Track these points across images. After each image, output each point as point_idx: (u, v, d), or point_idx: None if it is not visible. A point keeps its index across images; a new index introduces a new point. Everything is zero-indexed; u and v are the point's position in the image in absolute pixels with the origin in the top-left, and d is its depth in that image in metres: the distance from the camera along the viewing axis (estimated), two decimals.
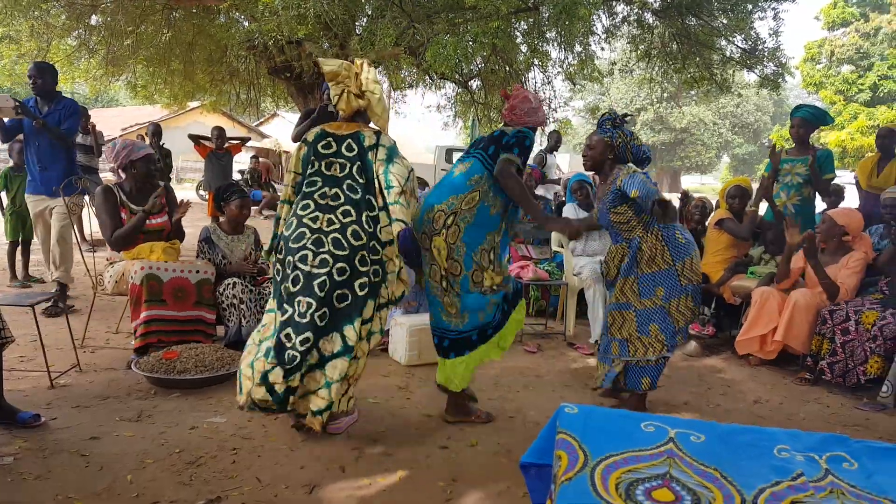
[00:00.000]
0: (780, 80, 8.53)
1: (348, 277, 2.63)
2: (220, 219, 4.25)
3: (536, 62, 8.83)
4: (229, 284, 3.86)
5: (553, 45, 8.50)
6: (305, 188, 2.79)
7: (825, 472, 1.24)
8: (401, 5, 7.15)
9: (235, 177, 11.67)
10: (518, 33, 8.35)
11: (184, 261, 3.89)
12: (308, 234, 2.68)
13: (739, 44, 8.55)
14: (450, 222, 2.90)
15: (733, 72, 9.25)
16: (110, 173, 4.42)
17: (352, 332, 2.62)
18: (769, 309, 4.26)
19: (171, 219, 4.08)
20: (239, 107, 11.54)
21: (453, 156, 16.53)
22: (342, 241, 2.65)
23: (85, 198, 5.01)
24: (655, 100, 32.60)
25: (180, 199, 4.19)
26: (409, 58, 7.60)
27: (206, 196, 9.39)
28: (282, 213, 2.87)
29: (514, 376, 3.92)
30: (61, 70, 9.87)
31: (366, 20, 8.14)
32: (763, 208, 5.18)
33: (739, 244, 4.95)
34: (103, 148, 7.40)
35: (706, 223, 5.45)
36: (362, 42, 7.05)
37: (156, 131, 8.29)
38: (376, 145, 2.80)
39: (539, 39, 8.09)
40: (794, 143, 5.04)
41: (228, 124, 21.28)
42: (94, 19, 8.92)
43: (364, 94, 2.85)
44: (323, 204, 2.72)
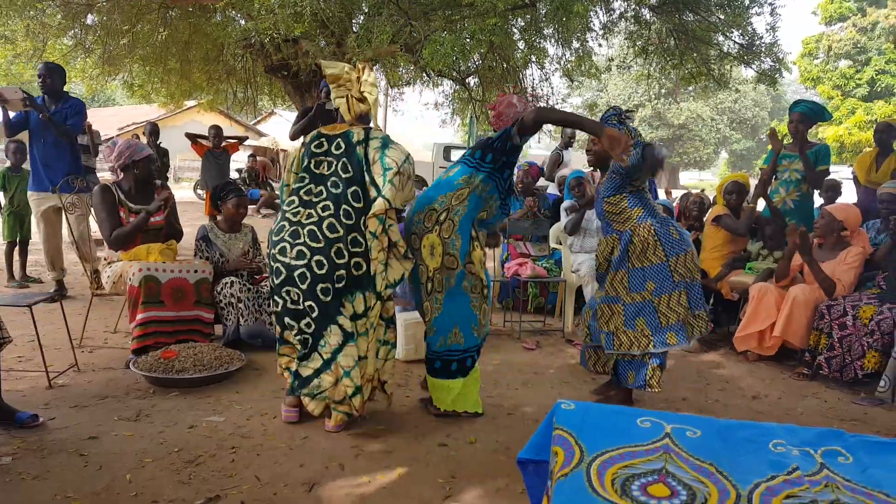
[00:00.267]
0: (778, 75, 8.53)
1: (328, 270, 2.70)
2: (218, 217, 4.25)
3: (534, 59, 8.82)
4: (227, 283, 3.86)
5: (550, 42, 8.50)
6: (294, 185, 2.88)
7: (820, 467, 1.25)
8: (397, 3, 7.15)
9: (233, 175, 11.65)
10: (515, 30, 8.34)
11: (181, 260, 3.89)
12: (287, 227, 2.77)
13: (737, 39, 8.55)
14: (443, 219, 2.96)
15: (731, 67, 9.26)
16: (107, 172, 4.41)
17: (346, 322, 2.72)
18: (767, 304, 4.26)
19: (173, 216, 4.08)
20: (236, 105, 11.53)
21: (451, 153, 16.51)
22: (318, 233, 2.71)
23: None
24: (653, 96, 32.59)
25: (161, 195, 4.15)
26: (406, 55, 7.59)
27: (204, 195, 9.38)
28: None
29: (513, 373, 3.93)
30: None
31: (362, 18, 8.14)
32: (761, 204, 5.18)
33: (737, 240, 4.95)
34: (100, 147, 7.40)
35: (704, 219, 5.46)
36: (359, 40, 7.04)
37: (153, 130, 8.28)
38: (366, 139, 2.84)
39: (536, 36, 8.09)
40: (793, 139, 5.04)
41: (226, 123, 21.25)
42: (90, 19, 8.90)
43: (365, 98, 2.88)
44: (307, 200, 2.80)
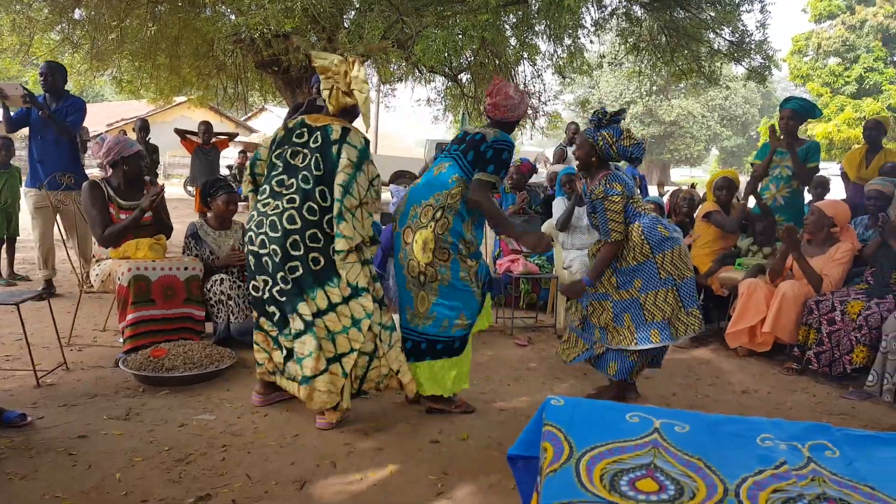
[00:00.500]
0: (767, 72, 8.59)
1: (281, 260, 2.75)
2: (208, 214, 4.23)
3: (525, 55, 8.83)
4: (217, 281, 3.84)
5: (542, 38, 8.51)
6: (269, 172, 2.91)
7: (807, 461, 1.26)
8: None
9: (223, 172, 11.60)
10: (507, 26, 8.34)
11: (171, 257, 3.87)
12: (255, 216, 2.84)
13: (727, 36, 8.59)
14: (439, 216, 2.96)
15: (721, 64, 9.30)
16: (96, 169, 4.38)
17: (305, 309, 2.75)
18: (756, 300, 4.29)
19: (163, 212, 4.06)
20: (226, 101, 11.48)
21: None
22: (277, 224, 2.75)
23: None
24: (645, 93, 32.64)
25: (153, 188, 4.14)
26: (397, 51, 7.58)
27: (194, 192, 9.33)
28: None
29: (505, 369, 3.93)
30: None
31: (354, 13, 8.11)
32: (753, 201, 5.21)
33: (727, 236, 4.97)
34: (89, 144, 7.35)
35: (694, 216, 5.48)
36: (350, 35, 7.02)
37: (143, 126, 8.20)
38: (341, 141, 2.82)
39: (528, 32, 8.10)
40: (783, 135, 5.06)
41: (216, 119, 21.14)
42: (77, 13, 8.83)
43: (352, 93, 2.85)
44: (277, 191, 2.83)
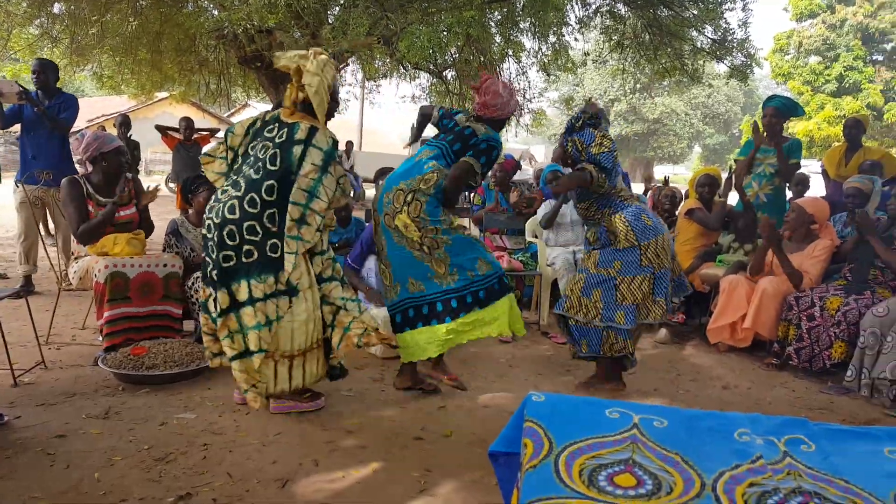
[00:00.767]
0: (749, 70, 8.67)
1: (218, 248, 2.78)
2: (189, 211, 4.19)
3: (510, 52, 8.84)
4: (198, 278, 3.81)
5: (527, 36, 8.53)
6: (237, 162, 2.94)
7: (783, 455, 1.27)
8: None
9: None
10: (492, 23, 8.35)
11: (150, 254, 3.83)
12: (212, 202, 2.88)
13: (709, 34, 8.66)
14: (410, 199, 3.00)
15: (704, 62, 9.38)
16: (78, 166, 4.34)
17: (225, 297, 2.77)
18: (737, 297, 4.33)
19: (143, 209, 4.02)
20: (209, 97, 11.37)
21: None
22: (221, 211, 2.78)
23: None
24: (628, 91, 32.88)
25: (147, 186, 4.12)
26: (382, 47, 7.55)
27: (175, 188, 9.24)
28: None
29: (489, 366, 3.94)
30: (23, 60, 9.64)
31: (338, 9, 8.07)
32: (734, 198, 5.26)
33: (709, 233, 5.02)
34: (70, 140, 7.25)
35: (676, 213, 5.52)
36: (334, 31, 6.99)
37: (124, 122, 8.11)
38: (307, 143, 2.81)
39: (513, 29, 8.11)
40: (767, 133, 5.10)
41: (198, 115, 20.95)
42: (56, 7, 8.71)
43: (303, 87, 2.84)
44: (235, 180, 2.85)
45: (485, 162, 3.01)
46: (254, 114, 3.19)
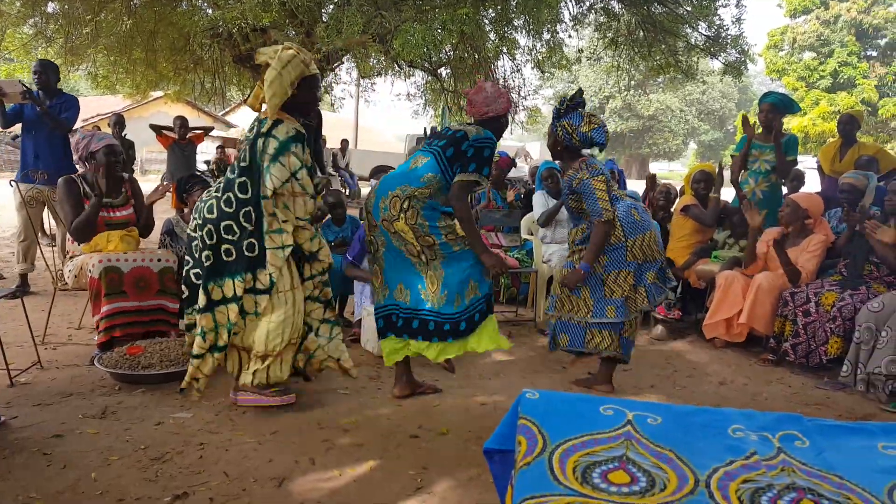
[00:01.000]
0: (743, 67, 8.67)
1: (200, 249, 2.85)
2: (185, 210, 4.18)
3: (505, 50, 8.83)
4: None
5: (521, 33, 8.51)
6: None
7: (777, 451, 1.27)
8: None
9: (201, 167, 11.47)
10: (486, 21, 8.34)
11: (144, 249, 3.82)
12: (198, 203, 2.95)
13: (703, 31, 8.67)
14: (406, 206, 2.97)
15: (698, 59, 9.38)
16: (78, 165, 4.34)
17: (203, 296, 2.82)
18: (733, 292, 4.34)
19: (141, 209, 3.99)
20: (204, 96, 11.34)
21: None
22: (202, 211, 2.85)
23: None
24: (623, 87, 32.84)
25: (161, 183, 4.11)
26: (377, 45, 7.54)
27: (171, 187, 9.23)
28: None
29: (485, 363, 3.95)
30: (18, 60, 9.60)
31: (332, 7, 8.06)
32: (728, 194, 5.26)
33: (705, 230, 5.02)
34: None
35: (671, 209, 5.53)
36: (329, 30, 6.97)
37: (118, 121, 8.09)
38: (267, 134, 2.81)
39: (507, 27, 8.09)
40: (763, 129, 5.11)
41: (193, 114, 20.89)
42: (50, 7, 8.67)
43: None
44: (221, 182, 2.92)
45: (475, 167, 2.98)
46: (247, 111, 3.20)
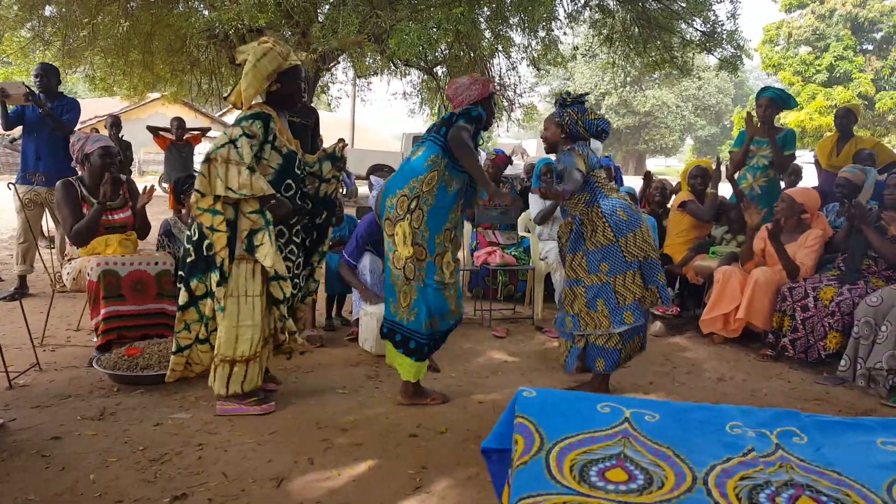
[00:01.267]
0: (739, 62, 8.67)
1: (187, 241, 2.90)
2: (182, 211, 4.18)
3: (500, 48, 8.83)
4: None
5: (516, 31, 8.51)
6: None
7: (775, 447, 1.27)
8: None
9: (198, 168, 11.46)
10: (481, 19, 8.33)
11: (141, 252, 3.81)
12: None
13: (698, 27, 8.66)
14: (413, 206, 2.92)
15: (693, 55, 9.38)
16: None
17: (183, 293, 2.87)
18: (731, 288, 4.34)
19: (137, 212, 3.99)
20: (201, 97, 11.34)
21: None
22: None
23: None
24: (619, 84, 32.86)
25: (143, 187, 4.10)
26: (372, 45, 7.54)
27: (168, 188, 9.21)
28: None
29: (483, 361, 3.95)
30: (16, 63, 9.60)
31: (328, 7, 8.05)
32: (726, 190, 5.26)
33: (702, 225, 5.03)
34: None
35: (667, 205, 5.53)
36: (325, 30, 6.97)
37: (114, 123, 8.07)
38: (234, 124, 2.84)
39: (502, 25, 8.09)
40: (761, 124, 5.09)
41: (191, 115, 20.87)
42: (48, 10, 8.68)
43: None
44: None
45: (465, 121, 2.92)
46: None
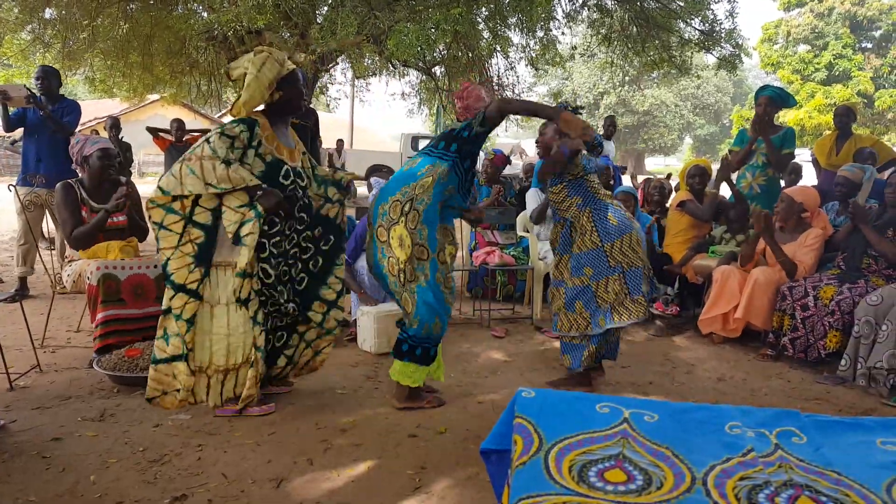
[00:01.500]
0: (738, 61, 8.68)
1: None
2: None
3: (498, 48, 8.84)
4: None
5: (514, 31, 8.52)
6: None
7: (775, 447, 1.27)
8: None
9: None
10: (479, 19, 8.34)
11: (142, 256, 3.81)
12: None
13: (697, 26, 8.67)
14: (407, 209, 2.92)
15: (692, 54, 9.38)
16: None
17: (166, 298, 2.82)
18: (730, 287, 4.34)
19: (132, 214, 3.99)
20: (200, 98, 11.35)
21: (419, 143, 16.44)
22: None
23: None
24: (618, 83, 32.86)
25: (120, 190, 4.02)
26: (371, 46, 7.54)
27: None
28: None
29: (482, 361, 3.95)
30: (16, 66, 9.61)
31: (326, 8, 8.05)
32: (725, 189, 5.26)
33: (701, 225, 5.03)
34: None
35: (666, 205, 5.53)
36: (323, 31, 6.97)
37: (114, 124, 8.08)
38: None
39: (500, 25, 8.10)
40: (759, 122, 5.08)
41: (190, 116, 20.87)
42: (48, 13, 8.68)
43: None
44: None
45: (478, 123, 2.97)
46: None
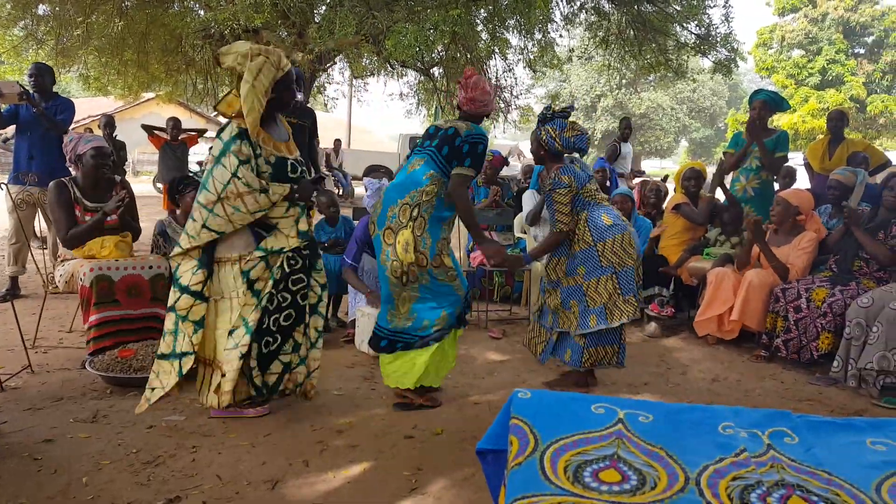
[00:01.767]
0: (733, 65, 8.72)
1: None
2: (177, 212, 4.17)
3: (497, 50, 8.86)
4: None
5: (513, 33, 8.54)
6: None
7: (767, 448, 1.28)
8: None
9: (194, 168, 11.44)
10: (478, 21, 8.36)
11: (136, 256, 3.80)
12: None
13: (693, 30, 8.71)
14: (415, 214, 2.97)
15: (688, 57, 9.43)
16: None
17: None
18: (724, 289, 4.36)
19: (125, 213, 3.97)
20: (196, 97, 11.33)
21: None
22: None
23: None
24: (615, 86, 32.97)
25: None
26: (369, 46, 7.55)
27: (162, 188, 9.18)
28: None
29: (480, 362, 3.95)
30: (8, 62, 9.56)
31: (324, 8, 8.05)
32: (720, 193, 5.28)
33: (696, 227, 5.05)
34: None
35: (662, 207, 5.55)
36: (321, 30, 6.97)
37: (108, 122, 8.04)
38: (218, 135, 2.79)
39: (499, 27, 8.12)
40: (754, 126, 5.09)
41: (185, 115, 20.82)
42: (41, 9, 8.65)
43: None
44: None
45: (471, 163, 3.01)
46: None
